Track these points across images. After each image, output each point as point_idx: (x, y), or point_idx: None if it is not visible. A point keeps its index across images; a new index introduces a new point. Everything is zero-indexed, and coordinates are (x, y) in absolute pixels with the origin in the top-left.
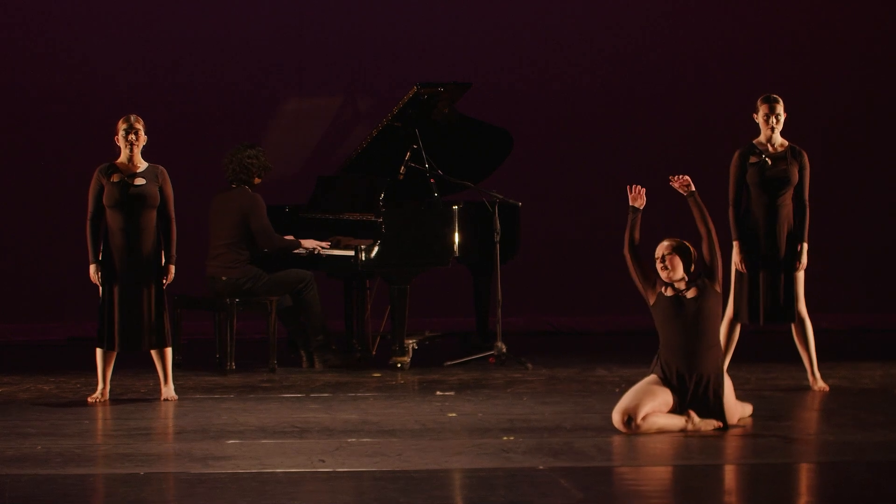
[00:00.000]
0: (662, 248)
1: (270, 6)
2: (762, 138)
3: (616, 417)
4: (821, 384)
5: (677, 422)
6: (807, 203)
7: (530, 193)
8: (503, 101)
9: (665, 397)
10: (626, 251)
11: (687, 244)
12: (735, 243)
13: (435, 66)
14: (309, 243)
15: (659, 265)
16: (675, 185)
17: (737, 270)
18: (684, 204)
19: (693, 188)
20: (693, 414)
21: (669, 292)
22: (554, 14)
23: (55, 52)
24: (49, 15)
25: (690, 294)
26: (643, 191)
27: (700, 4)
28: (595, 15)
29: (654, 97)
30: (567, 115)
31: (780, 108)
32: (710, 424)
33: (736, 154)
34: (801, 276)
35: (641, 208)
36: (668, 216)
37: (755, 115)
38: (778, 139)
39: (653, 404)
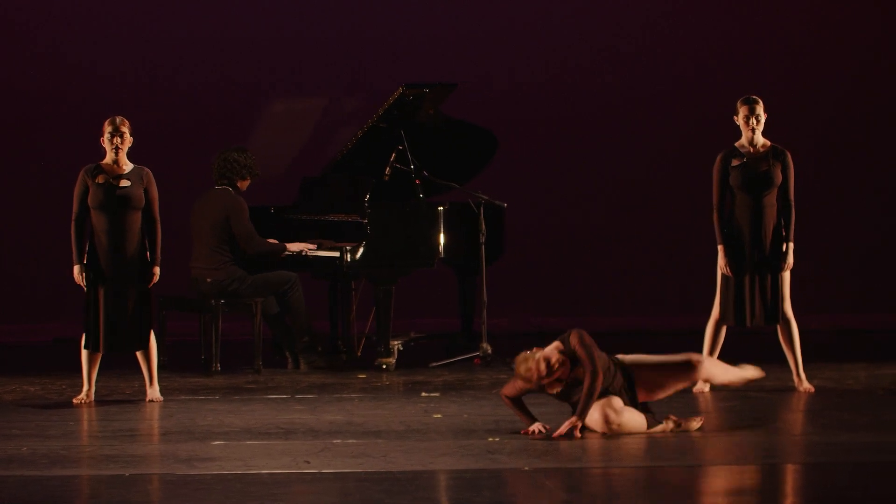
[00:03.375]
0: (541, 377)
1: (259, 8)
2: (744, 140)
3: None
4: (806, 385)
5: (659, 427)
6: (792, 202)
7: (516, 195)
8: (488, 102)
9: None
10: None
11: (541, 359)
12: (720, 247)
13: (420, 67)
14: (295, 246)
15: (556, 384)
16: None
17: (722, 273)
18: (678, 203)
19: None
20: (673, 417)
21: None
22: (540, 14)
23: (44, 52)
24: (47, 15)
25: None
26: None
27: (693, 4)
28: (583, 15)
29: (641, 98)
30: (552, 116)
31: (760, 109)
32: (695, 423)
33: (718, 158)
34: (787, 276)
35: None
36: (660, 216)
37: (735, 118)
38: (760, 140)
39: (620, 400)
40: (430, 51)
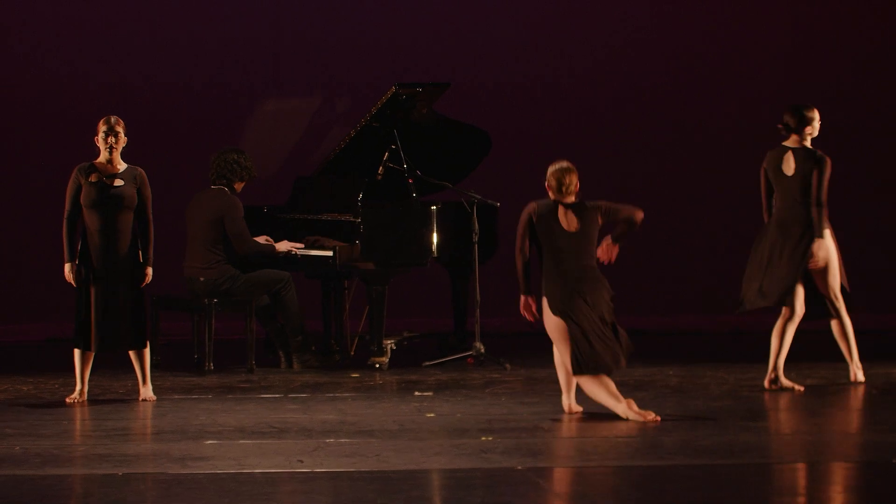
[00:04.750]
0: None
1: (250, 6)
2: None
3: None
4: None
5: (616, 405)
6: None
7: (509, 194)
8: (482, 101)
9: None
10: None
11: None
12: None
13: (414, 66)
14: (283, 245)
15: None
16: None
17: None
18: (672, 202)
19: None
20: (633, 403)
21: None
22: (533, 14)
23: (33, 52)
24: (43, 17)
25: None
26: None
27: (691, 5)
28: (578, 14)
29: (635, 97)
30: (546, 115)
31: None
32: (649, 415)
33: (829, 160)
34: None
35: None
36: (654, 215)
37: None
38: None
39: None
40: (423, 50)
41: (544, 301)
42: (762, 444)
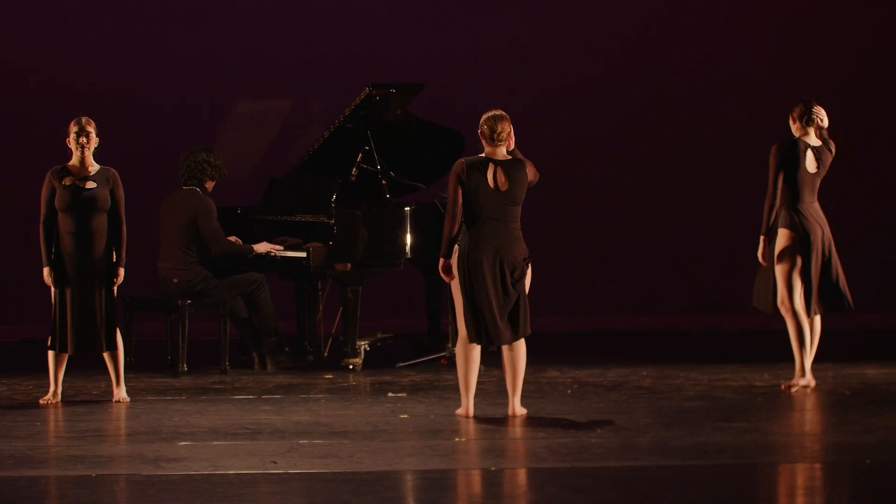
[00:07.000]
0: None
1: (225, 8)
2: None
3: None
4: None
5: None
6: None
7: None
8: (456, 101)
9: None
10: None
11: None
12: None
13: (389, 68)
14: (262, 247)
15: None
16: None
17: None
18: (643, 200)
19: None
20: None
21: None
22: (510, 16)
23: (19, 55)
24: (25, 24)
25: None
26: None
27: (672, 7)
28: (553, 16)
29: (612, 95)
30: (521, 115)
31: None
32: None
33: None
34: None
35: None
36: (623, 214)
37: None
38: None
39: None
40: (398, 52)
41: (455, 252)
42: (736, 444)
